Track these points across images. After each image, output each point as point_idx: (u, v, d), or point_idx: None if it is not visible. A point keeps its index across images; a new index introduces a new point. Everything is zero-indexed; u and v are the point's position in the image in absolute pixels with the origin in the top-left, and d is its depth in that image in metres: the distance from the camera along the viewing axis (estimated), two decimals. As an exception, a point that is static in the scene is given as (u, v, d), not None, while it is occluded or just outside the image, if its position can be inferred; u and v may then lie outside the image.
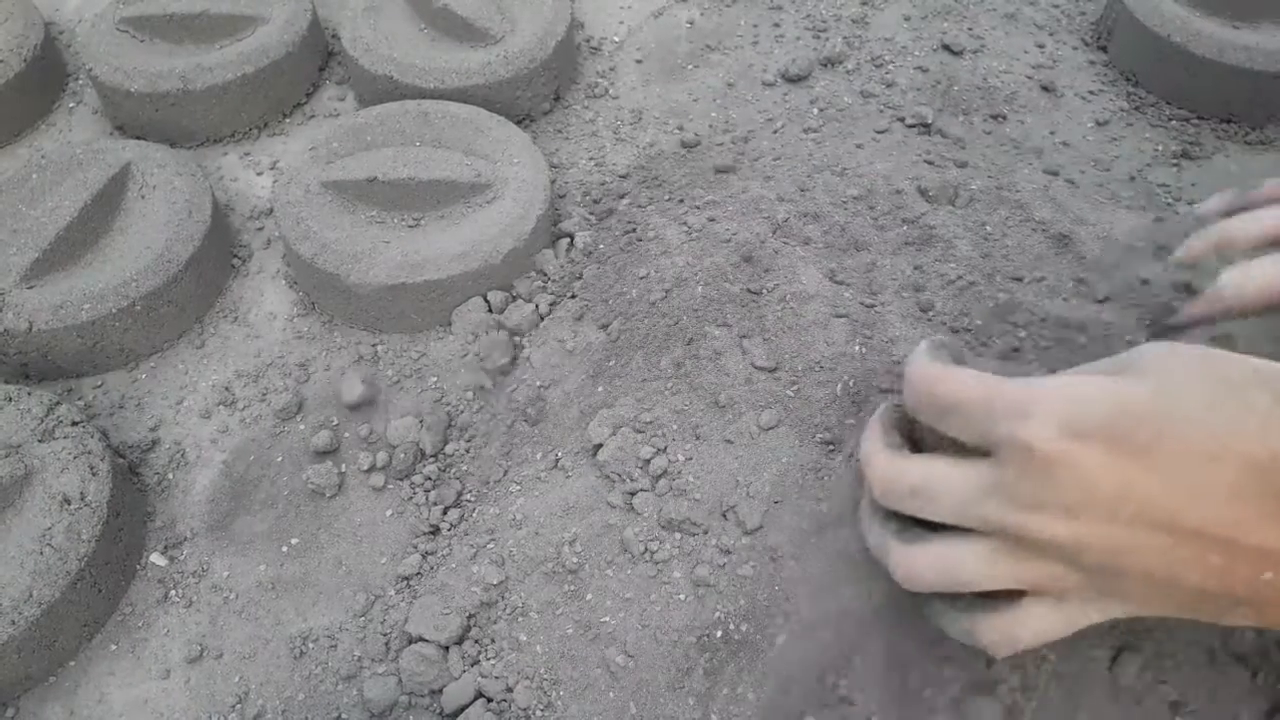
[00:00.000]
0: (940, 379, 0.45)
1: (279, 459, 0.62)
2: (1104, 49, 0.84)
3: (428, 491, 0.59)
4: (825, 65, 0.84)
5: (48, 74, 0.85)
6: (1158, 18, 0.78)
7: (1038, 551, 0.42)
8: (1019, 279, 0.65)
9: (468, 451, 0.60)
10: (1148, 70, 0.80)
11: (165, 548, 0.58)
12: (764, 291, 0.64)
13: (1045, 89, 0.81)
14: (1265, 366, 0.41)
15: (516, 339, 0.65)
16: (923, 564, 0.45)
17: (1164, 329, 0.55)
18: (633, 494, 0.56)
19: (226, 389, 0.65)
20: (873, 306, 0.64)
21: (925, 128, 0.77)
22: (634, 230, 0.70)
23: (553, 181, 0.72)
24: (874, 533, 0.47)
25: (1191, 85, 0.78)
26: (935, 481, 0.44)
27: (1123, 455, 0.40)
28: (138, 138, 0.79)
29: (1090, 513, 0.41)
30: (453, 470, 0.60)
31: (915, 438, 0.48)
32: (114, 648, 0.55)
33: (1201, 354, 0.42)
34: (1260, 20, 0.78)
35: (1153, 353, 0.42)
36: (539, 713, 0.50)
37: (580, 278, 0.67)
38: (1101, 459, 0.40)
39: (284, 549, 0.58)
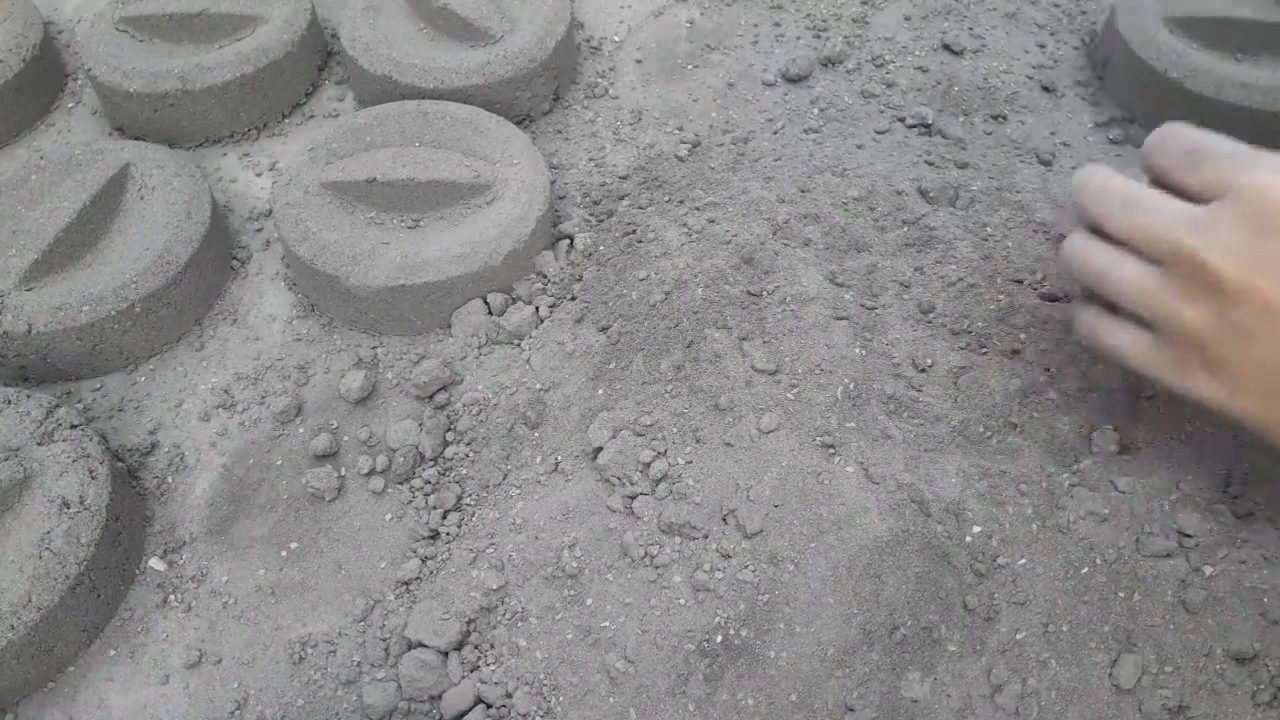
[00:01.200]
0: (1187, 133, 0.51)
1: (278, 462, 0.61)
2: (1100, 79, 0.82)
3: (427, 495, 0.59)
4: (825, 65, 0.84)
5: (46, 74, 0.84)
6: (1154, 50, 0.76)
7: (1196, 292, 0.47)
8: (1019, 281, 0.65)
9: (467, 455, 0.60)
10: (1144, 105, 0.78)
11: (164, 552, 0.58)
12: (764, 294, 0.64)
13: (1046, 89, 0.81)
14: None
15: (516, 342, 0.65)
16: (1088, 251, 0.53)
17: None
18: (633, 498, 0.56)
19: (226, 392, 0.65)
20: (873, 309, 0.64)
21: (926, 128, 0.77)
22: (634, 232, 0.69)
23: (552, 182, 0.71)
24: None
25: (1189, 122, 0.76)
26: (1151, 200, 0.50)
27: None
28: (137, 138, 0.79)
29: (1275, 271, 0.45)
30: (452, 474, 0.60)
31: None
32: (113, 653, 0.55)
33: None
34: (1260, 54, 0.76)
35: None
36: (539, 718, 0.50)
37: (580, 280, 0.67)
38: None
39: (283, 553, 0.58)
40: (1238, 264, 0.45)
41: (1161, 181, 0.53)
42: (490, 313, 0.66)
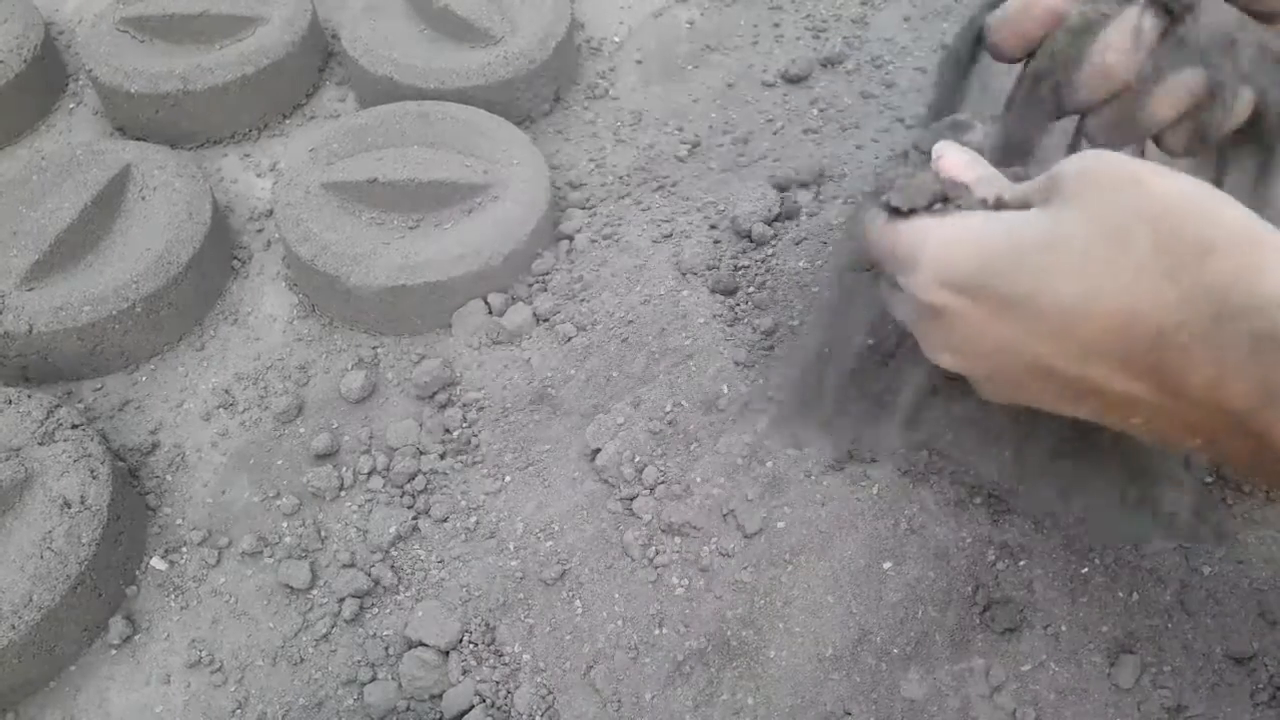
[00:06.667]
0: (869, 232, 0.47)
1: (279, 462, 0.62)
2: None
3: (427, 495, 0.59)
4: (825, 66, 0.84)
5: (47, 75, 0.84)
6: None
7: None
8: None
9: (467, 455, 0.60)
10: None
11: (165, 552, 0.58)
12: (764, 292, 0.64)
13: (1046, 89, 0.81)
14: (1174, 202, 0.39)
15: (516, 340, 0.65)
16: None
17: None
18: (632, 498, 0.56)
19: (226, 392, 0.65)
20: (873, 309, 0.64)
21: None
22: (634, 231, 0.70)
23: (553, 183, 0.71)
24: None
25: None
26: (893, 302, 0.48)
27: (990, 308, 0.42)
28: (138, 139, 0.79)
29: (973, 355, 0.44)
30: (452, 474, 0.60)
31: None
32: (113, 653, 0.55)
33: (1115, 182, 0.40)
34: None
35: (1074, 172, 0.41)
36: (538, 718, 0.50)
37: (580, 279, 0.67)
38: (971, 311, 0.42)
39: (283, 552, 0.58)
40: (957, 359, 0.45)
41: None
42: (490, 313, 0.66)
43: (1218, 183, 0.50)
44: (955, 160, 0.46)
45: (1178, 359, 0.38)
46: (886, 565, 0.53)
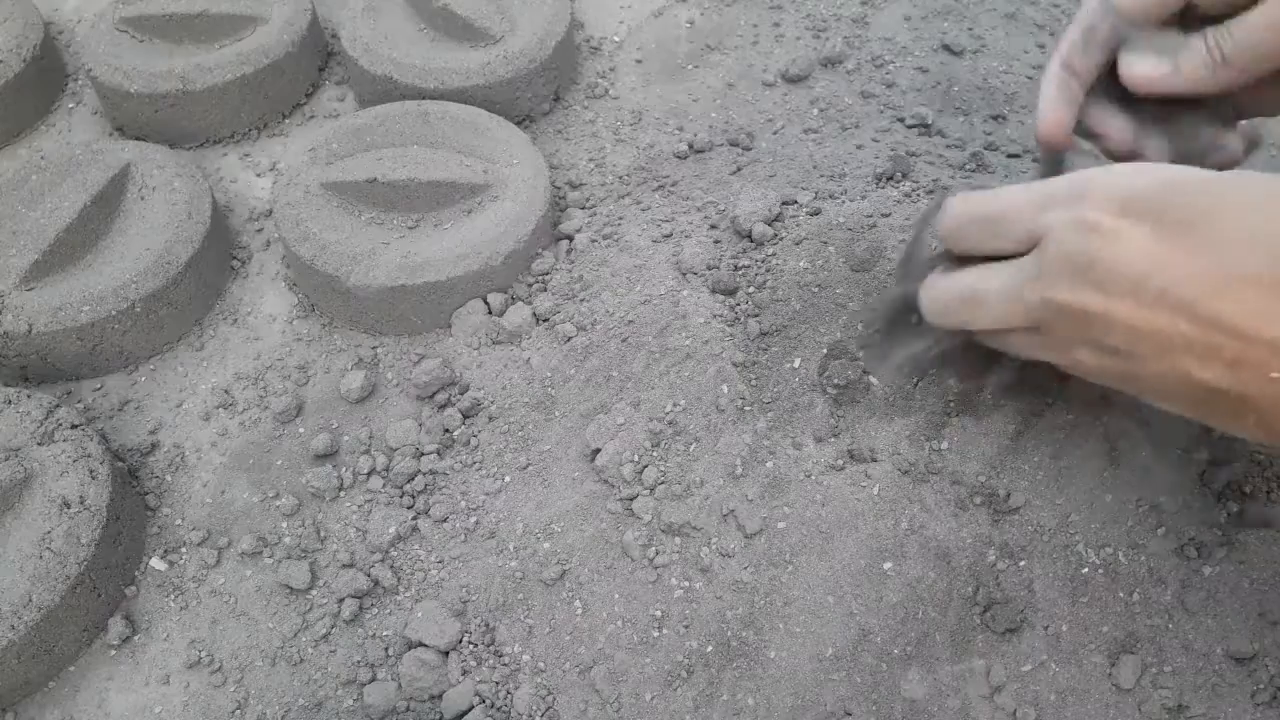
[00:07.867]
0: (988, 197, 0.46)
1: (279, 462, 0.62)
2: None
3: (427, 496, 0.59)
4: (825, 65, 0.84)
5: (47, 74, 0.84)
6: None
7: (1069, 326, 0.44)
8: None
9: (467, 455, 0.60)
10: None
11: (164, 552, 0.58)
12: (764, 291, 0.64)
13: (1046, 89, 0.81)
14: None
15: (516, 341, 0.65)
16: (946, 289, 0.49)
17: None
18: (632, 498, 0.56)
19: (226, 392, 0.65)
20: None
21: (925, 128, 0.77)
22: (634, 231, 0.69)
23: (552, 182, 0.71)
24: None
25: None
26: (983, 280, 0.47)
27: (1164, 233, 0.41)
28: (137, 138, 0.79)
29: (1119, 289, 0.41)
30: (452, 474, 0.60)
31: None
32: (113, 653, 0.55)
33: None
34: None
35: None
36: (538, 718, 0.50)
37: (580, 279, 0.67)
38: (1142, 236, 0.41)
39: (283, 553, 0.58)
40: (1093, 294, 0.42)
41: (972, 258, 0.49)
42: (490, 313, 0.66)
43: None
44: None
45: None
46: (887, 565, 0.53)
